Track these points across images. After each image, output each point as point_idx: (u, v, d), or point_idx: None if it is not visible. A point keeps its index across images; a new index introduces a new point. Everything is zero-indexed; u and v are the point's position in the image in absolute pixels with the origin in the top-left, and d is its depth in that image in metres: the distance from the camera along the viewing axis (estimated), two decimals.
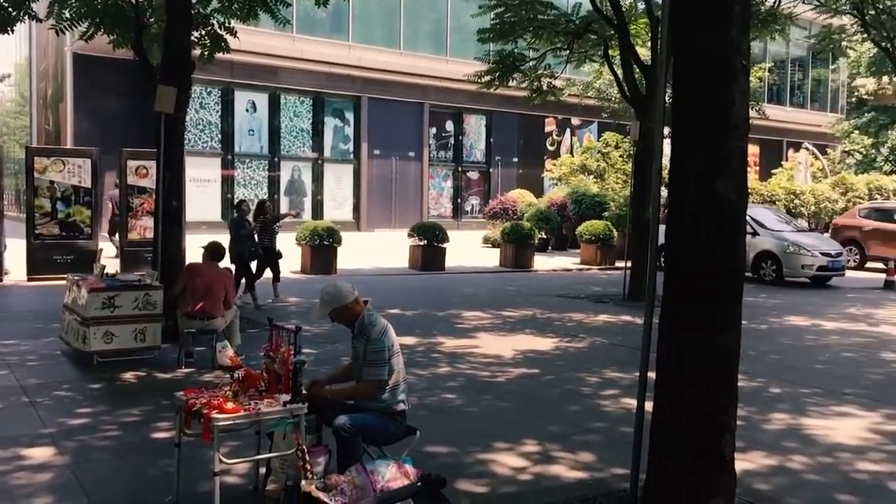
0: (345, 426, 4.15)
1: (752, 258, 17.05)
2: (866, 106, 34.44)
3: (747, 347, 9.36)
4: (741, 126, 3.85)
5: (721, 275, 3.78)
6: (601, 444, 5.62)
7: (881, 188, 26.30)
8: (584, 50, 16.55)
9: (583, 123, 32.19)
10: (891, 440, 5.77)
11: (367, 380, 4.35)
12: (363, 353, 4.37)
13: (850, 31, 20.44)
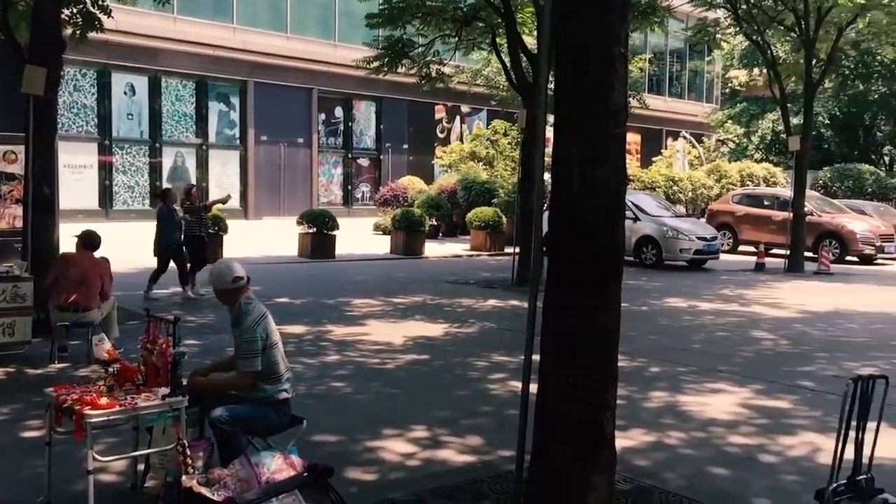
0: (221, 417, 4.04)
1: (633, 243, 17.64)
2: (739, 96, 36.09)
3: (628, 329, 9.67)
4: (620, 113, 3.93)
5: (602, 258, 3.87)
6: (489, 427, 5.70)
7: (752, 175, 27.69)
8: (472, 38, 16.67)
9: (472, 111, 32.46)
10: (760, 414, 6.09)
11: (241, 371, 4.24)
12: (237, 343, 4.28)
13: (723, 24, 21.33)
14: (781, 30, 19.63)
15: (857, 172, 26.87)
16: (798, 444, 5.33)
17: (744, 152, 32.59)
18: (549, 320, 3.91)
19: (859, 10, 17.51)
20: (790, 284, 15.10)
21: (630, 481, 4.63)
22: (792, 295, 13.35)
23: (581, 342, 3.81)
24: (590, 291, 3.84)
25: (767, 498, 4.46)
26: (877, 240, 19.71)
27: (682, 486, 4.59)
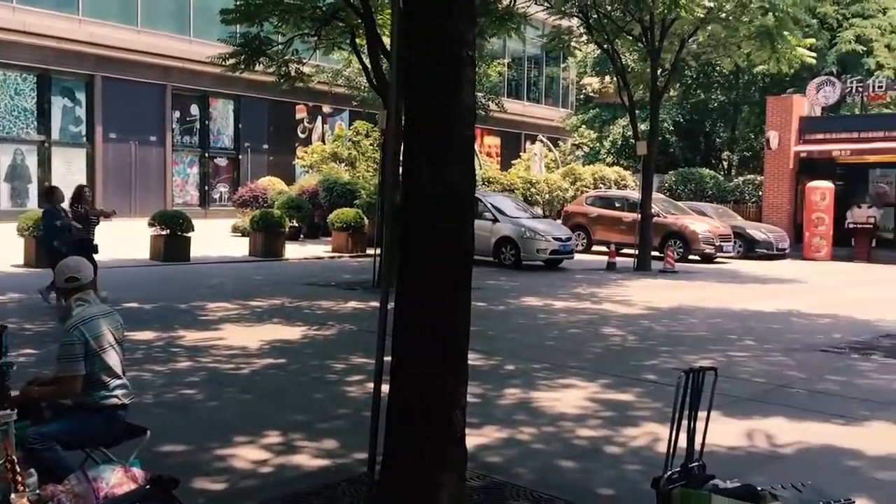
0: (28, 437, 3.81)
1: (493, 243, 18.02)
2: (592, 102, 37.59)
3: (487, 328, 9.90)
4: (469, 115, 4.00)
5: (451, 258, 3.91)
6: (345, 430, 5.65)
7: (604, 178, 28.88)
8: (332, 37, 16.51)
9: (334, 111, 32.21)
10: (606, 407, 6.33)
11: (61, 376, 4.02)
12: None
13: (576, 32, 22.13)
14: (630, 40, 20.55)
15: (699, 176, 28.49)
16: (640, 434, 5.58)
17: (597, 156, 33.95)
18: (400, 320, 3.92)
19: (699, 24, 18.57)
20: (638, 282, 15.83)
21: (482, 478, 4.70)
22: (640, 292, 14.00)
23: (431, 341, 3.84)
24: (440, 291, 3.87)
25: (611, 488, 4.65)
26: (716, 239, 20.97)
27: (533, 481, 4.70)
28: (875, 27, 29.38)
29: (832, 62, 29.41)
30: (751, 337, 9.79)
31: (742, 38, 19.22)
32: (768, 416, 6.14)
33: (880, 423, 6.02)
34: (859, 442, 5.53)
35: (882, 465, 5.08)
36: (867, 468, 5.07)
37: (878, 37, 29.24)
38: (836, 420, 6.10)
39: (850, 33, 29.47)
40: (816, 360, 8.51)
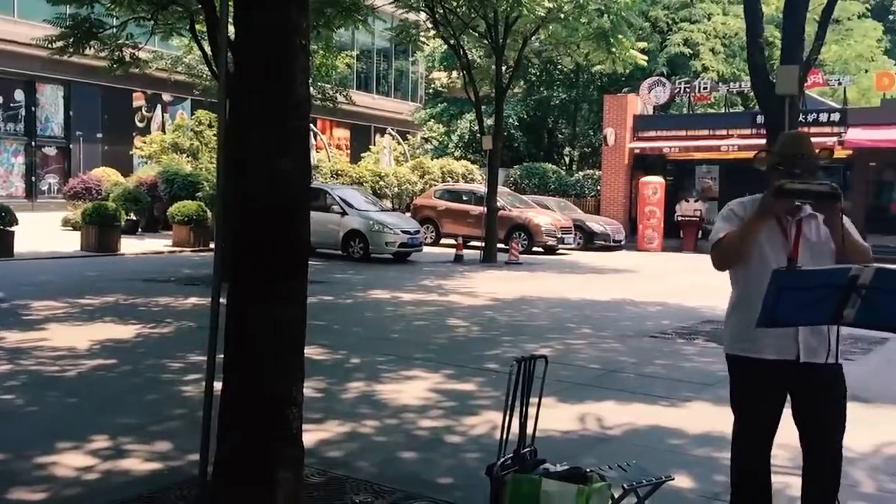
0: None
1: (341, 237, 17.93)
2: (441, 97, 38.03)
3: (332, 322, 9.83)
4: (303, 105, 3.92)
5: (286, 250, 3.83)
6: (180, 431, 5.43)
7: (452, 172, 29.31)
8: (170, 22, 15.83)
9: (175, 100, 30.93)
10: (448, 397, 6.42)
11: None
12: None
13: (423, 26, 22.32)
14: (475, 36, 20.95)
15: (542, 171, 29.46)
16: (480, 422, 5.69)
17: (445, 150, 34.39)
18: (233, 315, 3.81)
19: (541, 23, 19.17)
20: (484, 274, 16.18)
21: (323, 473, 4.64)
22: (485, 284, 14.31)
23: (265, 337, 3.74)
24: (274, 285, 3.78)
25: (450, 477, 4.71)
26: (558, 232, 21.78)
27: (374, 474, 4.69)
28: (701, 32, 31.37)
29: (663, 64, 31.15)
30: (587, 325, 10.22)
31: (581, 38, 20.04)
32: (601, 401, 6.42)
33: (701, 404, 6.43)
34: (682, 421, 5.89)
35: (701, 443, 5.42)
36: (688, 446, 5.40)
37: (704, 41, 31.25)
38: (662, 402, 6.47)
39: (679, 37, 31.33)
40: (646, 345, 9.00)
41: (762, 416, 3.50)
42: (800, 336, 3.34)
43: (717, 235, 3.46)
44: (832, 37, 33.36)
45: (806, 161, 3.38)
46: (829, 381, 3.41)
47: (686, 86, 26.98)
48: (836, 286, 3.10)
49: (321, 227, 18.10)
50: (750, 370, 3.47)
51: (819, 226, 3.39)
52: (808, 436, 3.47)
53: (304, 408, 3.94)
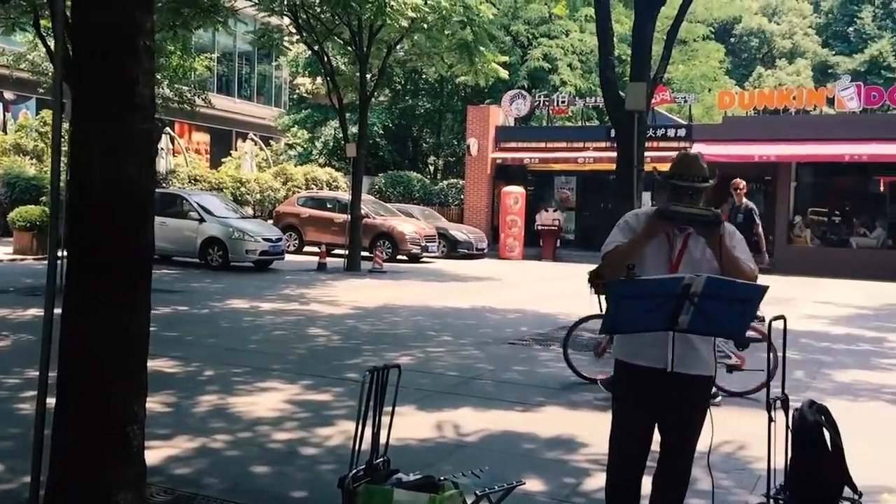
0: None
1: (199, 244, 17.36)
2: (305, 103, 37.54)
3: (186, 333, 9.47)
4: (146, 107, 3.76)
5: (127, 259, 3.66)
6: (15, 451, 5.06)
7: (316, 179, 28.97)
8: (12, 17, 14.91)
9: (18, 98, 29.00)
10: (304, 409, 6.31)
11: None
12: None
13: (286, 31, 21.96)
14: (340, 43, 20.81)
15: (407, 179, 29.60)
16: (336, 433, 5.62)
17: (309, 156, 33.97)
18: (67, 326, 3.59)
19: (405, 32, 19.27)
20: (347, 283, 16.06)
21: (170, 492, 4.45)
22: (348, 292, 14.20)
23: (102, 349, 3.55)
24: (113, 295, 3.60)
25: (304, 490, 4.62)
26: (422, 240, 21.92)
27: (225, 490, 4.54)
28: (559, 47, 32.46)
29: (524, 77, 32.00)
30: (448, 333, 10.32)
31: (444, 49, 20.28)
32: (458, 408, 6.49)
33: (553, 408, 6.62)
34: (535, 426, 6.03)
35: (553, 446, 5.57)
36: (540, 450, 5.53)
37: (562, 56, 32.34)
38: (517, 407, 6.61)
39: (539, 51, 32.29)
40: (504, 352, 9.18)
41: (635, 421, 3.62)
42: (670, 345, 3.46)
43: (608, 247, 3.59)
44: (679, 57, 35.33)
45: (695, 187, 3.55)
46: (694, 393, 3.58)
47: (545, 99, 27.82)
48: (670, 294, 3.26)
49: (177, 234, 17.50)
50: (629, 375, 3.61)
51: (704, 242, 3.56)
52: (667, 443, 3.64)
53: (150, 423, 3.78)
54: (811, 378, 8.18)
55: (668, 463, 3.67)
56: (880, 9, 50.80)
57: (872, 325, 12.43)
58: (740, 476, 5.11)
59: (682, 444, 3.62)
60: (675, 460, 3.63)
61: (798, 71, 47.17)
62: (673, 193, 3.55)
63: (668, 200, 3.54)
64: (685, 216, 3.42)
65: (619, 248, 3.52)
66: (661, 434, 3.63)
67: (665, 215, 3.42)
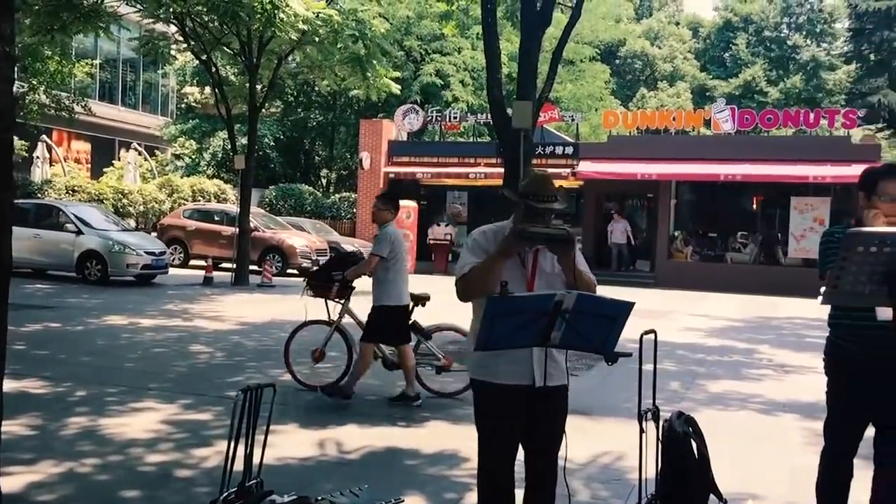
0: None
1: (76, 258, 16.63)
2: (193, 113, 36.59)
3: (57, 352, 9.02)
4: (6, 116, 3.58)
5: None
6: None
7: (204, 191, 28.23)
8: None
9: None
10: (181, 429, 6.11)
11: None
12: None
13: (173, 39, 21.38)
14: (229, 53, 20.40)
15: (298, 192, 29.23)
16: (213, 454, 5.44)
17: (197, 168, 33.10)
18: None
19: (295, 44, 19.08)
20: (234, 297, 15.70)
21: None
22: (234, 307, 13.87)
23: None
24: None
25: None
26: (313, 254, 21.65)
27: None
28: (452, 64, 32.86)
29: (416, 92, 32.21)
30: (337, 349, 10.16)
31: (336, 63, 20.18)
32: (343, 425, 6.42)
33: (437, 423, 6.64)
34: (418, 441, 6.04)
35: (435, 461, 5.58)
36: (422, 465, 5.53)
37: (455, 73, 32.75)
38: (400, 423, 6.60)
39: (431, 67, 32.60)
40: None
41: (502, 438, 3.65)
42: (534, 361, 3.52)
43: (464, 269, 3.57)
44: (567, 76, 36.37)
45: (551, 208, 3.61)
46: (558, 402, 3.67)
47: (438, 114, 28.06)
48: (542, 311, 3.33)
49: (52, 247, 16.72)
50: (489, 395, 3.62)
51: (554, 257, 3.63)
52: (534, 453, 3.69)
53: (12, 448, 3.57)
54: (686, 389, 8.51)
55: (536, 469, 3.72)
56: (753, 36, 53.82)
57: (744, 337, 13.05)
58: (616, 487, 5.24)
59: (546, 450, 3.70)
60: (544, 464, 3.71)
61: (678, 93, 49.34)
62: (528, 213, 3.58)
63: (521, 220, 3.57)
64: (544, 236, 3.49)
65: (476, 268, 3.52)
66: (527, 444, 3.68)
67: (524, 236, 3.48)
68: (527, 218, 3.57)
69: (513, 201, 3.72)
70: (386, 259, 6.96)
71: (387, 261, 6.98)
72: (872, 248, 3.24)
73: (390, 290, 7.05)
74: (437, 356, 7.59)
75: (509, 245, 3.50)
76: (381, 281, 7.03)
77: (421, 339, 7.60)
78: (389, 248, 6.96)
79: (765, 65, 51.43)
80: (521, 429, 3.62)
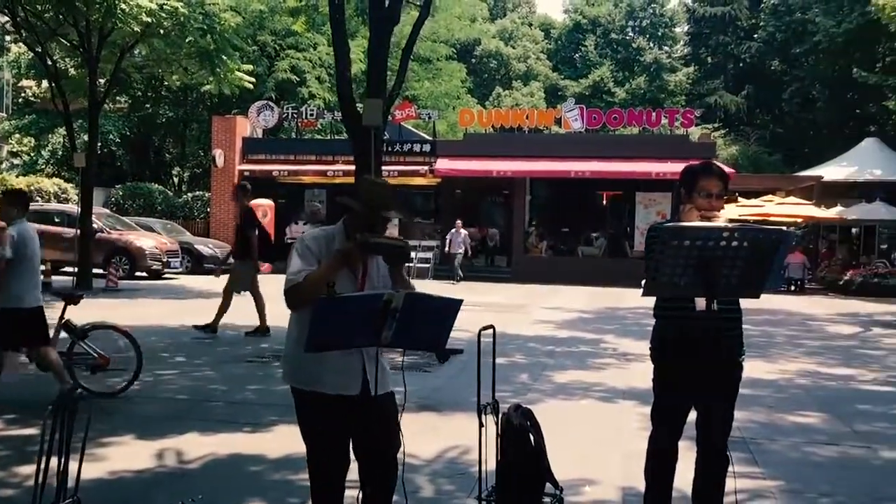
0: None
1: None
2: (30, 108, 34.39)
3: None
4: None
5: None
6: None
7: (42, 190, 26.57)
8: None
9: None
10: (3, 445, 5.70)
11: None
12: None
13: (4, 29, 19.99)
14: (67, 45, 19.28)
15: (147, 191, 28.05)
16: None
17: (35, 166, 31.13)
18: None
19: (139, 37, 18.25)
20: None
21: None
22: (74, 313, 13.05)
23: None
24: None
25: None
26: (164, 256, 20.83)
27: None
28: (307, 60, 32.41)
29: (272, 88, 31.59)
30: (182, 353, 9.85)
31: (184, 57, 19.47)
32: (184, 433, 6.18)
33: (284, 427, 6.48)
34: (263, 447, 5.89)
35: (279, 467, 5.46)
36: (266, 472, 5.40)
37: (311, 69, 32.32)
38: (246, 428, 6.42)
39: (286, 63, 32.04)
40: (241, 370, 8.92)
41: (331, 447, 3.62)
42: (367, 370, 3.53)
43: (298, 277, 3.45)
44: (425, 74, 36.68)
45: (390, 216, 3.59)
46: (388, 405, 3.69)
47: (294, 111, 27.61)
48: (372, 310, 3.31)
49: None
50: (315, 404, 3.58)
51: (379, 261, 3.63)
52: (370, 456, 3.70)
53: None
54: (533, 381, 8.73)
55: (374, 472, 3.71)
56: (601, 38, 56.10)
57: (592, 328, 13.57)
58: (461, 480, 5.30)
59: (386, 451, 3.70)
60: (382, 470, 3.70)
61: (532, 92, 50.74)
62: (367, 222, 3.54)
63: (359, 228, 3.52)
64: (386, 248, 3.49)
65: (312, 277, 3.44)
66: (362, 449, 3.68)
67: (368, 248, 3.46)
68: (366, 226, 3.53)
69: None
70: (12, 260, 6.66)
71: (12, 262, 6.67)
72: (686, 241, 3.43)
73: (16, 292, 6.75)
74: (91, 355, 7.41)
75: (351, 255, 3.48)
76: (6, 283, 6.70)
77: (74, 339, 7.42)
78: (14, 249, 6.66)
79: (612, 66, 53.70)
80: (350, 436, 3.61)
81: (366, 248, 3.48)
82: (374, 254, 3.54)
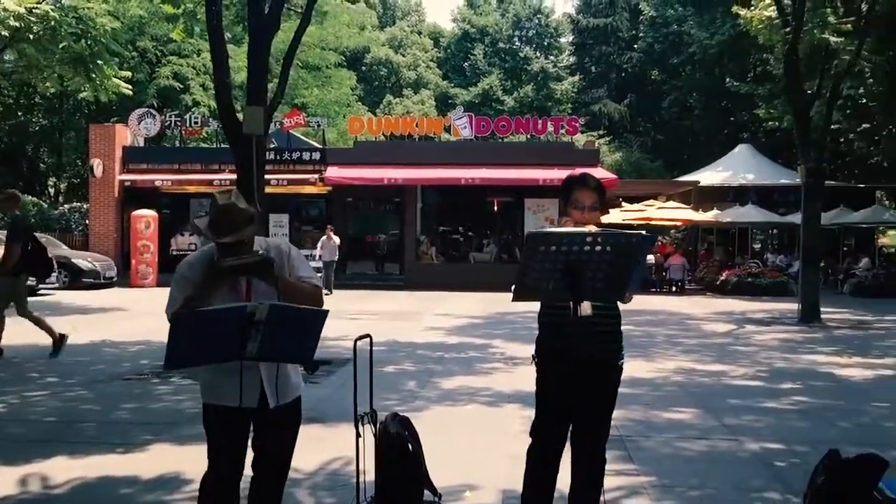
0: None
1: None
2: None
3: None
4: None
5: None
6: None
7: None
8: None
9: None
10: None
11: None
12: None
13: None
14: None
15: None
16: None
17: None
18: None
19: (8, 42, 17.35)
20: None
21: None
22: None
23: None
24: None
25: None
26: None
27: None
28: (191, 66, 31.56)
29: (153, 95, 30.59)
30: (54, 373, 9.38)
31: (56, 63, 18.63)
32: (50, 457, 5.88)
33: (160, 446, 6.28)
34: (137, 467, 5.67)
35: (154, 487, 5.27)
36: (139, 493, 5.20)
37: (195, 76, 31.49)
38: (119, 449, 6.16)
39: (168, 70, 31.10)
40: (117, 389, 8.56)
41: (229, 457, 3.62)
42: (265, 382, 3.53)
43: (174, 306, 3.42)
44: (314, 82, 36.31)
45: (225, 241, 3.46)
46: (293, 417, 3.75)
47: (177, 119, 26.81)
48: (234, 323, 3.24)
49: None
50: (218, 416, 3.58)
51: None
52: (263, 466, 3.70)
53: None
54: (421, 388, 8.74)
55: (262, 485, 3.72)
56: (489, 47, 56.97)
57: (481, 333, 13.72)
58: (343, 492, 5.24)
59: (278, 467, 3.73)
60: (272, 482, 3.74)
61: (423, 100, 51.02)
62: (217, 245, 3.48)
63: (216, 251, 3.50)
64: (241, 268, 3.44)
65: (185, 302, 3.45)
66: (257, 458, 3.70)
67: (221, 274, 3.43)
68: (219, 250, 3.47)
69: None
70: None
71: None
72: (552, 247, 3.51)
73: None
74: None
75: (213, 280, 3.44)
76: None
77: None
78: None
79: (500, 75, 54.60)
80: (247, 446, 3.65)
81: (219, 275, 3.45)
82: (237, 276, 3.49)
